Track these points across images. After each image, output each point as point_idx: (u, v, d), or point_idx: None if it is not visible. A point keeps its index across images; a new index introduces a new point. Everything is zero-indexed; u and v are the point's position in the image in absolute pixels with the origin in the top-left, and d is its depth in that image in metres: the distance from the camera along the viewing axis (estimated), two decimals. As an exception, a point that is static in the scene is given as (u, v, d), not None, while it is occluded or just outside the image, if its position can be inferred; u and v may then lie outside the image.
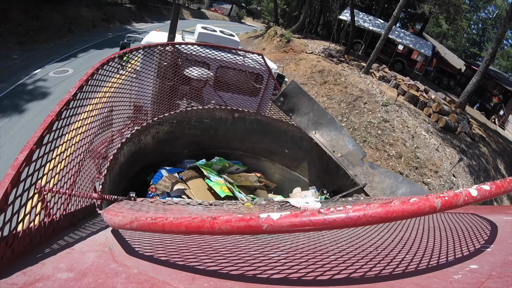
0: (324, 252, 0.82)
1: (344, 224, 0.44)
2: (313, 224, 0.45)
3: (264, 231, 0.47)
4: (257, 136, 3.37)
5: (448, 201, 0.47)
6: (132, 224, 0.63)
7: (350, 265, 0.71)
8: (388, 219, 0.45)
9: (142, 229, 0.61)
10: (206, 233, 0.51)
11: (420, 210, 0.46)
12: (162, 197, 2.56)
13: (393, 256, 0.76)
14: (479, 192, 0.51)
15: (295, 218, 0.45)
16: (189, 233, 0.53)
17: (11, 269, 0.65)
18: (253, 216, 0.47)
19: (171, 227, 0.55)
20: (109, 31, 18.97)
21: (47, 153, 0.96)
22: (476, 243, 0.79)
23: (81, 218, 1.20)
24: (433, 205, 0.46)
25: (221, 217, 0.50)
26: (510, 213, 1.14)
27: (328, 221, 0.44)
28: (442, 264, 0.68)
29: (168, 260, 0.73)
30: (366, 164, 2.58)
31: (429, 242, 0.86)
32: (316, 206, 1.55)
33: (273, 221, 0.46)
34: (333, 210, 0.45)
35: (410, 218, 0.47)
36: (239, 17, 47.95)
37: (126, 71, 2.18)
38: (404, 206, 0.45)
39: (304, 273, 0.66)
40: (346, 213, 0.44)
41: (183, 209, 1.32)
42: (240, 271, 0.67)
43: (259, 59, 3.95)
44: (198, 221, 0.51)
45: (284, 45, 18.33)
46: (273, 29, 22.21)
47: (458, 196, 0.48)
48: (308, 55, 16.45)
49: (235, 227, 0.48)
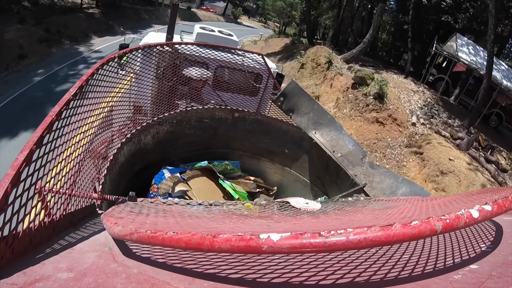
0: (326, 255, 0.82)
1: (344, 247, 0.45)
2: (313, 247, 0.46)
3: (264, 252, 0.48)
4: (257, 136, 3.36)
5: (449, 224, 0.48)
6: (132, 236, 0.64)
7: (354, 268, 0.71)
8: (388, 243, 0.46)
9: (142, 241, 0.62)
10: (206, 250, 0.52)
11: (421, 233, 0.47)
12: (164, 197, 2.56)
13: (393, 256, 0.76)
14: (480, 213, 0.52)
15: (295, 240, 0.46)
16: (188, 249, 0.54)
17: (11, 269, 0.65)
18: (253, 236, 0.48)
19: (171, 242, 0.56)
20: (44, 63, 10.54)
21: (47, 153, 0.96)
22: (476, 243, 0.79)
23: (81, 218, 1.20)
24: (434, 228, 0.47)
25: (221, 236, 0.51)
26: (510, 213, 1.14)
27: (328, 244, 0.45)
28: (442, 264, 0.68)
29: (165, 263, 0.73)
30: (366, 164, 2.58)
31: (428, 241, 0.86)
32: (316, 207, 1.55)
33: (273, 243, 0.47)
34: (333, 233, 0.46)
35: (411, 241, 0.48)
36: (234, 16, 42.53)
37: (126, 71, 2.18)
38: (405, 229, 0.46)
39: (306, 277, 0.66)
40: (347, 236, 0.45)
41: (183, 211, 1.32)
42: (240, 274, 0.66)
43: (259, 59, 3.95)
44: (198, 238, 0.52)
45: (364, 100, 9.26)
46: (318, 51, 12.87)
47: (459, 218, 0.49)
48: (429, 139, 8.53)
49: (235, 247, 0.49)
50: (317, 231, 0.46)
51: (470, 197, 1.07)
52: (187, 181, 2.78)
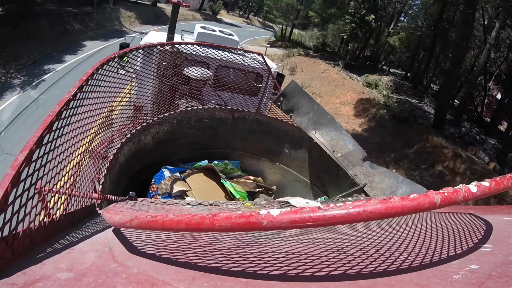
0: (323, 250, 0.82)
1: (344, 220, 0.44)
2: (313, 220, 0.44)
3: (264, 228, 0.47)
4: (257, 136, 3.36)
5: (447, 197, 0.47)
6: (132, 222, 0.63)
7: (347, 262, 0.71)
8: (388, 215, 0.45)
9: (142, 227, 0.62)
10: (206, 230, 0.51)
11: (420, 206, 0.45)
12: (163, 197, 2.56)
13: (393, 256, 0.76)
14: (478, 189, 0.51)
15: (295, 214, 0.45)
16: (189, 230, 0.53)
17: (11, 269, 0.65)
18: (253, 212, 0.47)
19: (171, 225, 0.55)
20: None
21: (47, 153, 0.96)
22: (476, 243, 0.79)
23: (81, 218, 1.20)
24: (433, 201, 0.46)
25: (221, 214, 0.50)
26: (509, 213, 1.14)
27: (328, 217, 0.44)
28: (442, 264, 0.68)
29: (168, 260, 0.73)
30: (366, 164, 2.58)
31: (428, 242, 0.86)
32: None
33: (273, 218, 0.46)
34: (333, 206, 0.45)
35: (410, 214, 0.47)
36: (213, 11, 33.70)
37: (126, 71, 2.18)
38: (403, 202, 0.45)
39: (302, 269, 0.67)
40: (346, 209, 0.44)
41: (183, 209, 1.32)
42: (241, 268, 0.67)
43: (259, 59, 3.95)
44: (198, 218, 0.51)
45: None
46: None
47: (457, 192, 0.48)
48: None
49: (235, 224, 0.48)
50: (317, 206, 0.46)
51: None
52: (186, 181, 2.78)
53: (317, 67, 16.75)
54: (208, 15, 32.23)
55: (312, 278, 0.63)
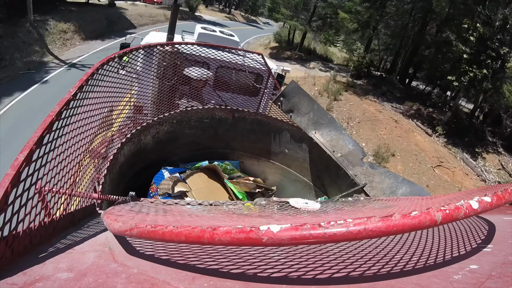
0: (324, 252, 0.82)
1: (344, 238, 0.45)
2: (313, 238, 0.45)
3: (264, 244, 0.47)
4: (257, 136, 3.36)
5: (448, 215, 0.48)
6: (132, 231, 0.63)
7: (349, 264, 0.71)
8: (388, 233, 0.45)
9: (142, 236, 0.62)
10: (206, 243, 0.51)
11: (421, 224, 0.46)
12: (163, 197, 2.56)
13: (393, 256, 0.76)
14: (480, 205, 0.51)
15: (295, 231, 0.46)
16: (189, 242, 0.53)
17: (11, 269, 0.65)
18: (253, 228, 0.48)
19: (171, 236, 0.55)
20: None
21: (47, 153, 0.96)
22: (476, 243, 0.79)
23: (81, 218, 1.20)
24: (434, 218, 0.47)
25: (221, 228, 0.50)
26: (509, 213, 1.14)
27: (328, 235, 0.45)
28: (442, 264, 0.68)
29: (168, 260, 0.73)
30: (366, 164, 2.58)
31: (428, 242, 0.86)
32: (315, 207, 1.55)
33: (273, 234, 0.46)
34: (333, 223, 0.45)
35: (411, 231, 0.48)
36: (191, 7, 27.99)
37: (126, 71, 2.18)
38: (404, 220, 0.46)
39: (304, 271, 0.67)
40: (347, 227, 0.45)
41: (183, 210, 1.32)
42: (241, 269, 0.67)
43: (259, 59, 3.95)
44: (198, 231, 0.52)
45: None
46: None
47: (459, 209, 0.49)
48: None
49: (235, 239, 0.49)
50: (317, 223, 0.46)
51: (471, 194, 1.07)
52: (186, 181, 2.78)
53: (410, 138, 8.66)
54: (185, 13, 26.38)
55: (313, 280, 0.63)
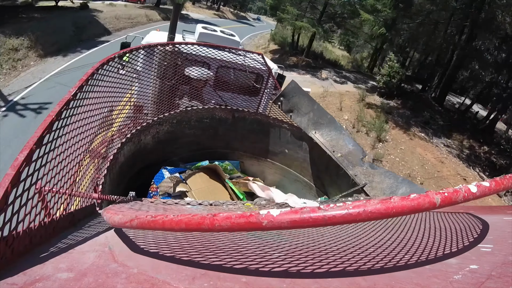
0: (323, 251, 0.82)
1: (344, 220, 0.44)
2: (313, 221, 0.45)
3: (264, 228, 0.47)
4: (257, 136, 3.36)
5: (447, 197, 0.47)
6: (132, 222, 0.63)
7: (350, 264, 0.71)
8: (388, 215, 0.45)
9: (143, 227, 0.61)
10: (206, 230, 0.51)
11: (420, 206, 0.46)
12: (163, 197, 2.56)
13: (393, 256, 0.76)
14: (478, 189, 0.51)
15: (295, 214, 0.45)
16: (189, 230, 0.53)
17: (11, 269, 0.65)
18: (253, 212, 0.48)
19: (171, 225, 0.55)
20: None
21: (47, 153, 0.96)
22: (476, 243, 0.79)
23: (81, 218, 1.20)
24: (433, 201, 0.46)
25: (221, 214, 0.50)
26: (509, 213, 1.14)
27: (328, 217, 0.44)
28: (442, 264, 0.68)
29: (169, 260, 0.73)
30: (366, 164, 2.58)
31: (428, 242, 0.86)
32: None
33: (273, 218, 0.46)
34: (333, 206, 0.45)
35: (410, 214, 0.48)
36: None
37: (126, 71, 2.18)
38: (403, 202, 0.45)
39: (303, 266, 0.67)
40: (346, 209, 0.45)
41: (183, 209, 1.32)
42: (241, 268, 0.67)
43: (259, 59, 3.95)
44: (198, 218, 0.51)
45: None
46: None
47: (457, 192, 0.49)
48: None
49: (235, 224, 0.48)
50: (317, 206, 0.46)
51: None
52: (186, 181, 2.78)
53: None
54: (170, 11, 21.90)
55: (313, 278, 0.63)
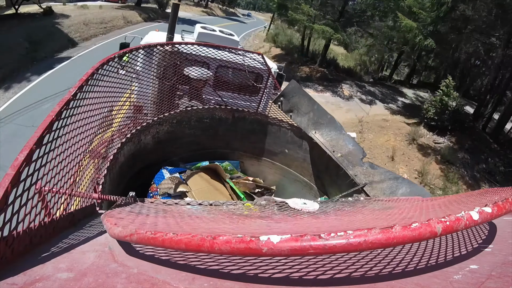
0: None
1: (344, 250, 0.46)
2: (313, 249, 0.46)
3: (264, 254, 0.48)
4: (257, 136, 3.36)
5: (449, 226, 0.49)
6: (132, 237, 0.64)
7: (351, 264, 0.71)
8: (389, 245, 0.46)
9: (142, 243, 0.62)
10: (206, 252, 0.52)
11: (421, 236, 0.47)
12: (163, 197, 2.56)
13: (392, 256, 0.76)
14: (480, 215, 0.52)
15: (295, 242, 0.46)
16: (188, 250, 0.54)
17: (11, 269, 0.65)
18: (253, 237, 0.49)
19: (171, 244, 0.56)
20: None
21: (47, 153, 0.96)
22: (476, 243, 0.79)
23: (81, 218, 1.20)
24: (434, 230, 0.47)
25: (220, 237, 0.51)
26: (510, 213, 1.14)
27: (328, 247, 0.46)
28: (442, 264, 0.68)
29: (168, 260, 0.73)
30: (366, 164, 2.58)
31: (428, 242, 0.86)
32: (314, 207, 1.55)
33: (273, 245, 0.47)
34: (333, 235, 0.46)
35: (411, 243, 0.49)
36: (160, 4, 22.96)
37: (126, 71, 2.18)
38: (405, 232, 0.46)
39: (305, 272, 0.67)
40: (347, 238, 0.46)
41: (183, 211, 1.32)
42: (242, 270, 0.67)
43: (259, 59, 3.95)
44: (198, 240, 0.53)
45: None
46: None
47: (459, 220, 0.50)
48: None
49: (235, 249, 0.49)
50: (317, 233, 0.47)
51: (470, 198, 1.07)
52: (186, 181, 2.78)
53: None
54: (153, 11, 20.76)
55: (314, 281, 0.63)
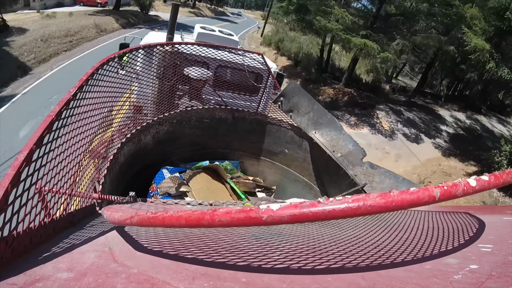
0: (323, 251, 0.82)
1: (343, 214, 0.44)
2: (312, 215, 0.45)
3: (264, 222, 0.47)
4: (257, 136, 3.36)
5: (447, 191, 0.47)
6: (132, 219, 0.63)
7: (351, 264, 0.71)
8: (387, 209, 0.45)
9: (143, 223, 0.61)
10: (206, 225, 0.51)
11: (419, 199, 0.46)
12: (163, 197, 2.56)
13: (392, 256, 0.76)
14: (478, 183, 0.51)
15: (295, 208, 0.46)
16: (189, 226, 0.53)
17: (11, 269, 0.65)
18: (253, 207, 0.48)
19: (171, 221, 0.55)
20: None
21: (47, 153, 0.96)
22: (476, 243, 0.79)
23: (81, 218, 1.20)
24: (432, 194, 0.46)
25: (221, 209, 0.50)
26: (509, 213, 1.14)
27: (327, 211, 0.45)
28: (442, 264, 0.68)
29: (169, 260, 0.73)
30: (366, 164, 2.58)
31: (428, 242, 0.86)
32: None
33: (273, 212, 0.46)
34: (332, 200, 0.46)
35: (410, 207, 0.48)
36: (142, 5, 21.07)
37: (126, 71, 2.18)
38: (403, 195, 0.46)
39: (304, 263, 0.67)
40: (346, 203, 0.45)
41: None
42: (241, 269, 0.67)
43: (259, 59, 3.95)
44: (198, 214, 0.52)
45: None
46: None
47: (457, 186, 0.49)
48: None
49: (235, 218, 0.48)
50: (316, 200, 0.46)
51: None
52: (187, 181, 2.78)
53: None
54: (134, 15, 18.83)
55: (312, 278, 0.63)
